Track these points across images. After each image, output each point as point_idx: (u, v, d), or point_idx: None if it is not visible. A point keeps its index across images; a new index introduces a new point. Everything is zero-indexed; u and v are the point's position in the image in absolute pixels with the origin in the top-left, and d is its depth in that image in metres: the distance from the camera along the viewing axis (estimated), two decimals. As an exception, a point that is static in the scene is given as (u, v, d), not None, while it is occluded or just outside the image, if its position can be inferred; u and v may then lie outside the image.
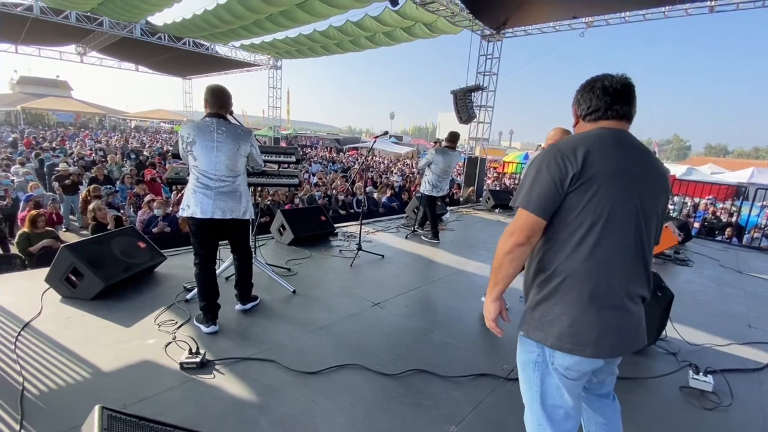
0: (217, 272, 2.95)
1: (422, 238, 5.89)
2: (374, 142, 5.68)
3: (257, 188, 4.04)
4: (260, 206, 7.06)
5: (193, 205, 2.69)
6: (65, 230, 7.39)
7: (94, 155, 13.67)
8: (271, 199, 8.32)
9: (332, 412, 2.11)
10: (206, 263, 2.82)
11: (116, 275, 3.27)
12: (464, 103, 10.89)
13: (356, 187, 10.81)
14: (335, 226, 5.84)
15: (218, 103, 2.75)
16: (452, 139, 5.70)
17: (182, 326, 2.85)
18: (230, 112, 2.83)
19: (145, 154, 15.15)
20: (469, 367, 2.60)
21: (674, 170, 18.38)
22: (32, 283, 3.32)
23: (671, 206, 11.10)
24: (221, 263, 3.49)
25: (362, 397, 2.26)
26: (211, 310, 2.82)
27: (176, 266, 3.95)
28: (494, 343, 3.16)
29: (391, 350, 2.77)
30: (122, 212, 6.77)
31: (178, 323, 2.88)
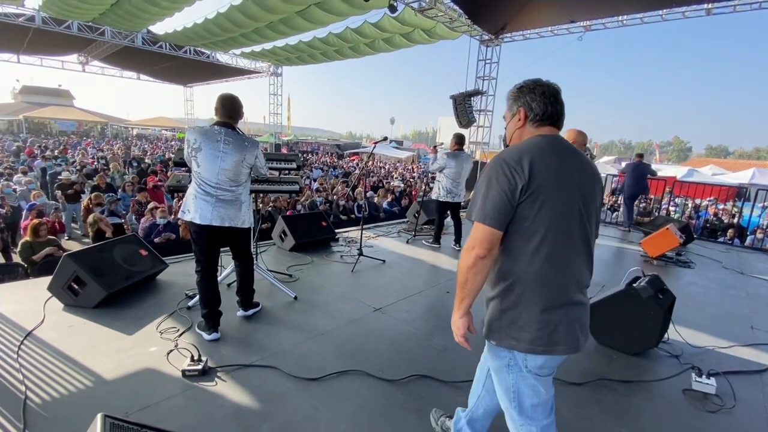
0: (218, 279, 2.96)
1: (423, 242, 5.88)
2: (374, 147, 5.71)
3: (258, 195, 4.06)
4: (261, 212, 7.10)
5: (192, 210, 2.70)
6: (68, 239, 7.41)
7: (96, 163, 13.73)
8: (272, 205, 8.34)
9: (334, 418, 2.11)
10: (208, 270, 2.83)
11: (118, 283, 3.28)
12: (464, 107, 10.94)
13: (357, 192, 10.83)
14: (336, 231, 5.85)
15: (228, 112, 2.76)
16: (459, 141, 5.61)
17: (184, 333, 2.85)
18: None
19: (146, 161, 15.21)
20: (471, 372, 2.56)
21: (675, 172, 18.39)
22: (35, 291, 3.33)
23: (673, 208, 11.10)
24: (223, 270, 3.50)
25: (364, 403, 2.26)
26: (212, 317, 2.82)
27: (178, 273, 3.96)
28: (496, 347, 3.16)
29: (392, 356, 2.76)
30: (124, 221, 6.79)
31: (180, 331, 2.89)
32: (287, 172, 4.02)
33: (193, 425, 1.98)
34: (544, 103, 1.42)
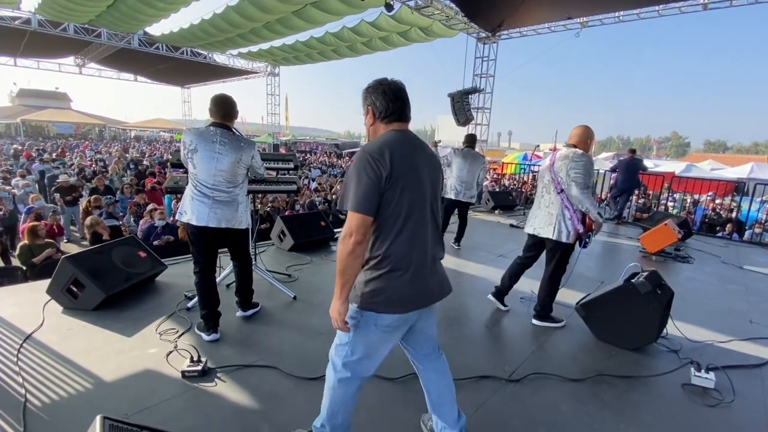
0: (217, 280, 2.95)
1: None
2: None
3: (257, 195, 4.06)
4: (260, 213, 7.09)
5: (189, 211, 2.70)
6: (66, 241, 7.41)
7: (94, 166, 13.71)
8: (271, 205, 8.33)
9: (334, 417, 2.11)
10: (206, 271, 2.83)
11: (117, 285, 3.28)
12: (461, 105, 10.89)
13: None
14: (335, 231, 5.85)
15: (221, 112, 2.75)
16: (468, 140, 5.53)
17: (183, 335, 2.85)
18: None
19: (144, 163, 15.19)
20: (470, 369, 2.60)
21: (674, 167, 18.37)
22: (34, 294, 3.33)
23: (671, 203, 11.11)
24: (221, 271, 3.50)
25: (363, 402, 2.26)
26: (212, 318, 2.83)
27: (177, 275, 3.96)
28: (496, 345, 3.17)
29: (391, 354, 2.75)
30: (122, 222, 6.79)
31: (179, 332, 2.89)
32: (285, 172, 4.02)
33: (193, 426, 1.99)
34: (386, 100, 1.59)
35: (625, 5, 10.19)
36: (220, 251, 2.94)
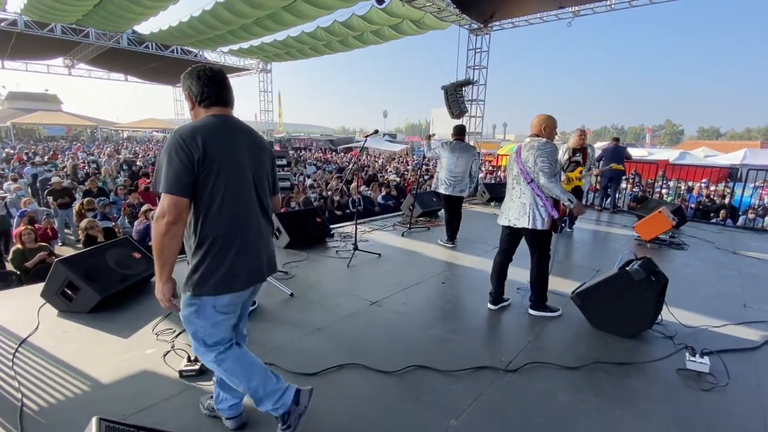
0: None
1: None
2: (365, 141, 5.67)
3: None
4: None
5: None
6: (61, 244, 7.35)
7: (87, 168, 13.59)
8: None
9: (333, 412, 2.12)
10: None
11: (112, 287, 3.26)
12: (455, 98, 10.87)
13: (351, 187, 10.79)
14: (331, 227, 5.85)
15: None
16: (457, 132, 5.34)
17: (180, 334, 2.84)
18: None
19: (138, 164, 15.07)
20: (468, 360, 2.62)
21: (668, 155, 18.45)
22: (28, 298, 3.31)
23: (665, 191, 11.17)
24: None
25: (363, 395, 2.27)
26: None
27: (173, 274, 3.93)
28: (493, 335, 3.18)
29: (390, 348, 2.78)
30: (115, 224, 6.74)
31: (176, 332, 2.88)
32: (278, 168, 3.99)
33: (191, 425, 1.99)
34: (200, 85, 1.63)
35: (616, -7, 10.15)
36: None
